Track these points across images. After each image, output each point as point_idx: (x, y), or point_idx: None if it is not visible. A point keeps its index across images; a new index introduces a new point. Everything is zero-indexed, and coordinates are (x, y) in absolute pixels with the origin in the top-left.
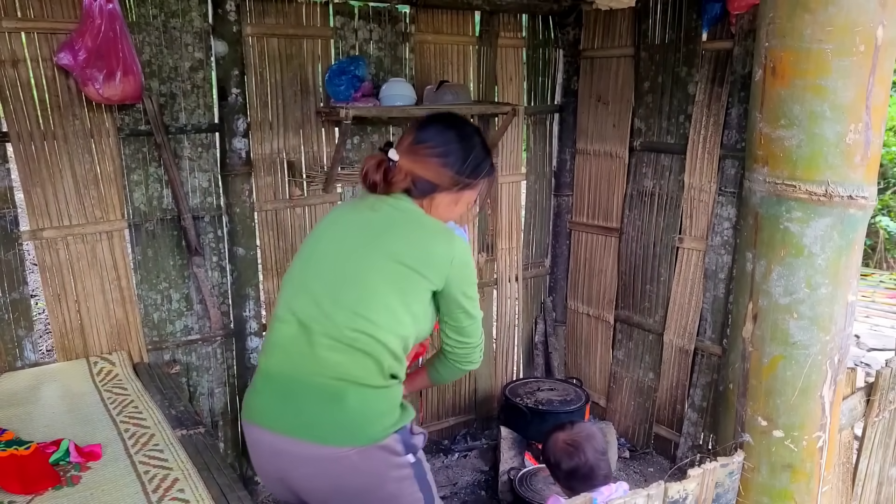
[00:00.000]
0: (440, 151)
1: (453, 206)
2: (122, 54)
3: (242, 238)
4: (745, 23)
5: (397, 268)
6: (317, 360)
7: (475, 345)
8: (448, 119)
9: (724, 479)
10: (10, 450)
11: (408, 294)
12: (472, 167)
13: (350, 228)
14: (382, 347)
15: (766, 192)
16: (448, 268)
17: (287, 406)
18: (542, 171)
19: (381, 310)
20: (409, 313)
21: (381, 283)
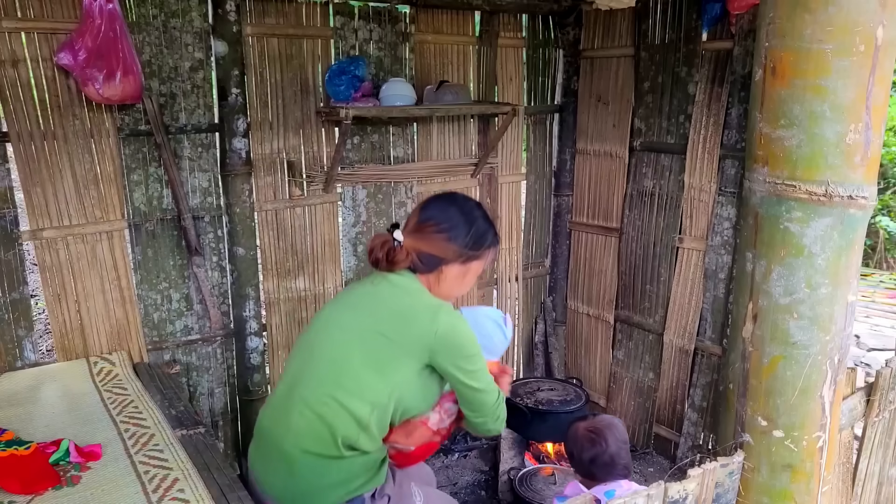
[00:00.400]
0: (444, 227)
1: (462, 278)
2: (122, 54)
3: (242, 238)
4: (745, 23)
5: (376, 337)
6: (288, 425)
7: (486, 415)
8: (449, 197)
9: (724, 479)
10: (10, 450)
11: (385, 363)
12: (474, 239)
13: (349, 300)
14: (348, 415)
15: (766, 192)
16: (431, 340)
17: (267, 467)
18: (542, 171)
19: (352, 377)
20: (386, 381)
21: (358, 351)
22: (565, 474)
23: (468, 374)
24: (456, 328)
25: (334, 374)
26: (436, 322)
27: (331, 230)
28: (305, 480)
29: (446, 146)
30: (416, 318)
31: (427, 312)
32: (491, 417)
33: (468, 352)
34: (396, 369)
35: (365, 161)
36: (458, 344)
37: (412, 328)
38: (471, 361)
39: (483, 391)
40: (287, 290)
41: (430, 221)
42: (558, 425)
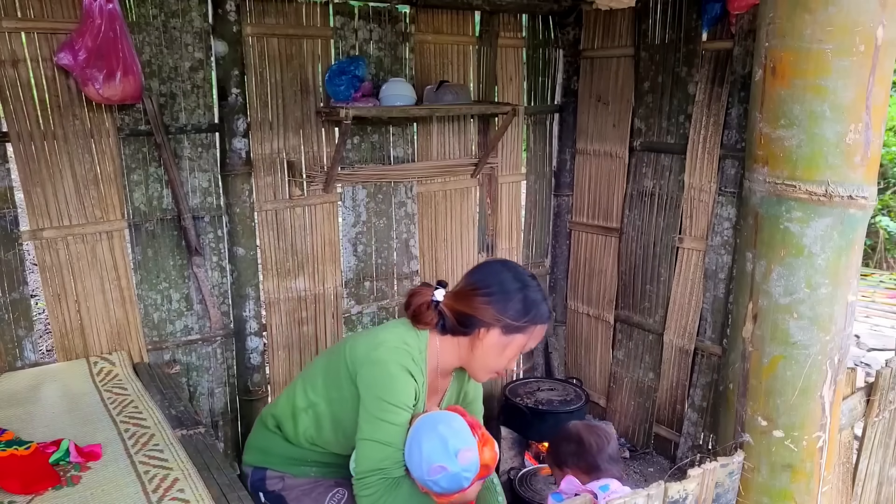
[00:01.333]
0: (489, 291)
1: (501, 350)
2: (122, 54)
3: (242, 238)
4: (745, 23)
5: (340, 356)
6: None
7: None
8: (503, 262)
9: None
10: (10, 450)
11: (330, 368)
12: (522, 308)
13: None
14: (289, 401)
15: (766, 192)
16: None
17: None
18: (542, 171)
19: (309, 368)
20: (325, 384)
21: (324, 354)
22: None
23: (365, 412)
24: (382, 366)
25: (308, 367)
26: (373, 351)
27: (331, 230)
28: (253, 437)
29: (446, 146)
30: (365, 344)
31: (374, 342)
32: (364, 483)
33: (379, 392)
34: (337, 385)
35: (365, 161)
36: (376, 380)
37: (357, 350)
38: (376, 403)
39: (371, 441)
40: (287, 290)
41: (475, 284)
42: (558, 425)
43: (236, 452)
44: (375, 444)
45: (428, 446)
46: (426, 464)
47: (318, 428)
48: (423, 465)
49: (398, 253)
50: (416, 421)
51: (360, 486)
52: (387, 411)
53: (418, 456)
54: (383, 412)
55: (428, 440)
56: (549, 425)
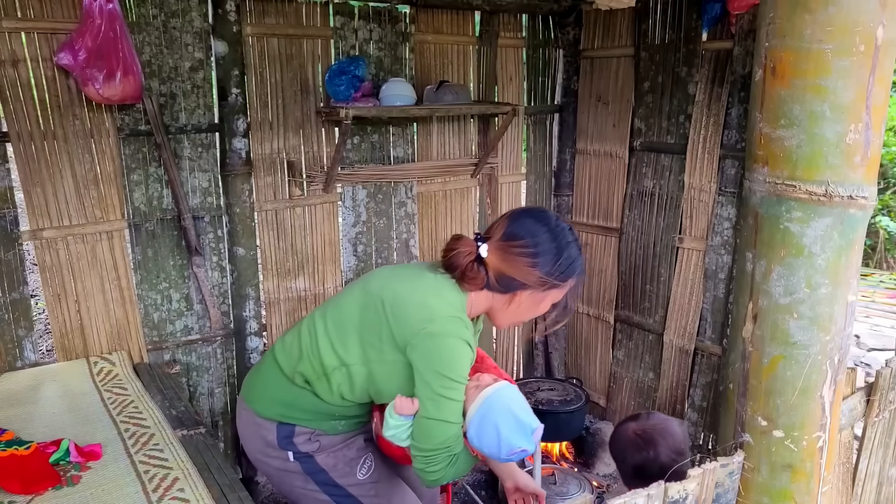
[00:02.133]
0: (532, 251)
1: (537, 305)
2: (122, 54)
3: (242, 238)
4: (745, 23)
5: (378, 312)
6: (284, 335)
7: (426, 452)
8: (541, 215)
9: (724, 479)
10: (10, 450)
11: (370, 337)
12: (563, 268)
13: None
14: (317, 355)
15: (766, 192)
16: (413, 337)
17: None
18: (542, 171)
19: (341, 330)
20: (363, 352)
21: (358, 313)
22: (565, 474)
23: (426, 389)
24: (442, 341)
25: (331, 316)
26: (428, 324)
27: (331, 230)
28: (262, 380)
29: (446, 146)
30: (415, 312)
31: (427, 313)
32: (430, 460)
33: (440, 368)
34: (377, 348)
35: (365, 161)
36: (435, 356)
37: (406, 317)
38: (437, 379)
39: (436, 421)
40: (287, 290)
41: (517, 240)
42: (558, 425)
43: (236, 452)
44: (441, 423)
45: (506, 430)
46: (506, 447)
47: (350, 385)
48: (501, 447)
49: (398, 253)
50: (483, 399)
51: (426, 462)
52: (448, 388)
53: (496, 438)
54: (445, 389)
55: (505, 424)
56: (548, 425)
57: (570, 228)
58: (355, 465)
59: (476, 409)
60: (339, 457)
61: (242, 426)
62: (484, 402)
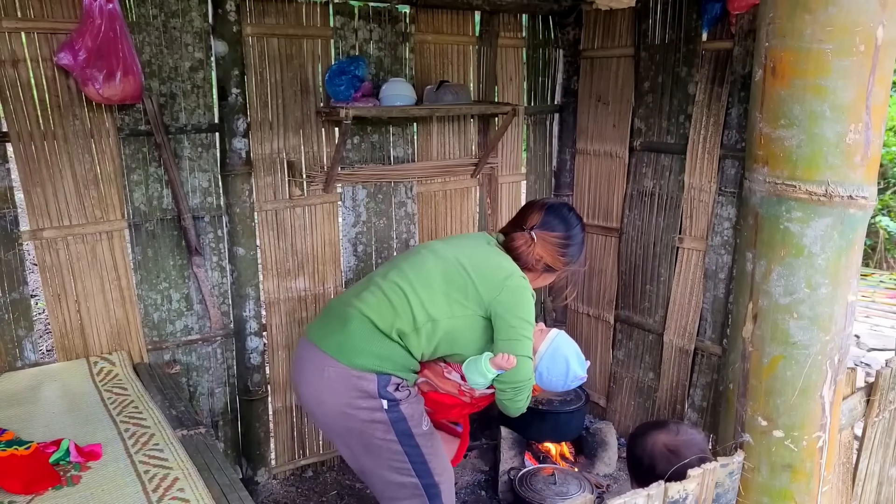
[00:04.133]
0: (566, 244)
1: (550, 278)
2: (122, 54)
3: (242, 238)
4: (745, 23)
5: (460, 270)
6: (359, 295)
7: (510, 385)
8: (570, 211)
9: (724, 479)
10: (10, 450)
11: (455, 293)
12: (577, 258)
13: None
14: (409, 312)
15: (766, 192)
16: (498, 291)
17: (325, 326)
18: (542, 171)
19: (427, 288)
20: (450, 308)
21: (441, 273)
22: (565, 474)
23: (513, 331)
24: (521, 292)
25: (414, 278)
26: (509, 279)
27: (331, 230)
28: (355, 336)
29: (446, 146)
30: (496, 272)
31: (505, 272)
32: (518, 391)
33: (522, 314)
34: (462, 304)
35: (365, 161)
36: (518, 304)
37: (489, 277)
38: (521, 323)
39: (523, 357)
40: (287, 290)
41: (554, 231)
42: (558, 425)
43: (236, 452)
44: (526, 359)
45: (574, 363)
46: (572, 375)
47: (430, 340)
48: (568, 376)
49: (398, 253)
50: (553, 339)
51: (517, 393)
52: (527, 329)
53: (565, 368)
54: (526, 330)
55: (573, 357)
56: (549, 425)
57: (581, 219)
58: (423, 417)
59: (547, 346)
60: (415, 407)
61: (332, 382)
62: (554, 340)
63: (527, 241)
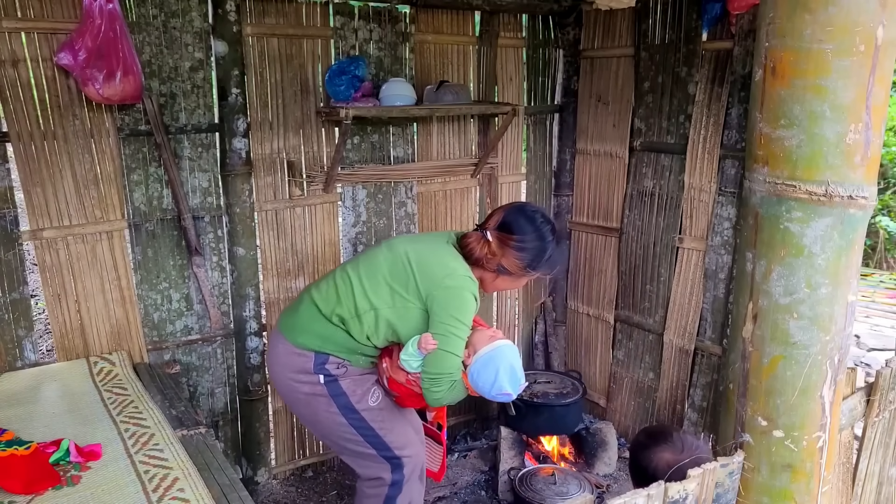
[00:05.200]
0: (521, 246)
1: (515, 282)
2: (122, 54)
3: (242, 238)
4: (745, 23)
5: (405, 266)
6: (316, 284)
7: (435, 377)
8: (531, 214)
9: (724, 479)
10: (10, 450)
11: (398, 287)
12: (542, 262)
13: (411, 236)
14: (351, 300)
15: (766, 192)
16: (435, 289)
17: (287, 306)
18: (542, 171)
19: (373, 279)
20: (392, 299)
21: (388, 267)
22: (565, 474)
23: (442, 327)
24: (458, 291)
25: (363, 269)
26: (448, 278)
27: (331, 230)
28: (301, 318)
29: (446, 146)
30: (437, 269)
31: (446, 270)
32: (435, 382)
33: (454, 312)
34: (403, 296)
35: (365, 161)
36: (451, 303)
37: (429, 272)
38: (451, 321)
39: (445, 352)
40: (287, 290)
41: (510, 235)
42: (553, 418)
43: (237, 452)
44: (449, 354)
45: (503, 375)
46: (498, 387)
47: (375, 328)
48: (494, 387)
49: None
50: (495, 347)
51: (433, 384)
52: (458, 328)
53: (493, 378)
54: (456, 329)
55: (504, 370)
56: (543, 418)
57: (552, 227)
58: (368, 393)
59: (485, 352)
60: (357, 384)
61: (278, 356)
62: (495, 349)
63: (478, 239)
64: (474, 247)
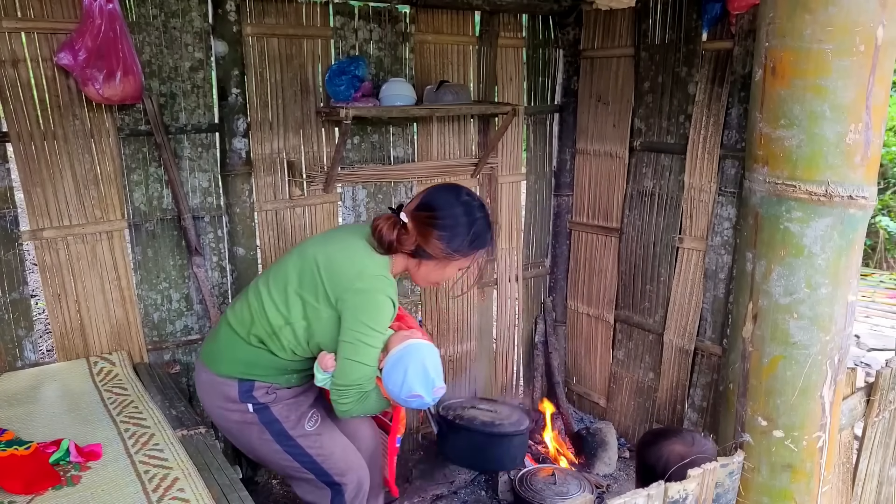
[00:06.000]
0: (441, 224)
1: (442, 270)
2: (122, 54)
3: (242, 238)
4: (745, 23)
5: (314, 274)
6: (232, 305)
7: (344, 387)
8: (455, 191)
9: (724, 479)
10: (10, 450)
11: (309, 297)
12: (468, 243)
13: (325, 234)
14: (265, 317)
15: (766, 192)
16: (345, 293)
17: (208, 337)
18: (542, 171)
19: (282, 292)
20: (304, 310)
21: (296, 277)
22: (565, 474)
23: (350, 334)
24: (369, 295)
25: (273, 282)
26: (357, 280)
27: None
28: (221, 344)
29: (446, 146)
30: (347, 270)
31: (355, 270)
32: (343, 394)
33: (363, 318)
34: (314, 305)
35: (365, 161)
36: (361, 308)
37: (338, 276)
38: (360, 327)
39: (353, 361)
40: None
41: (430, 212)
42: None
43: (237, 452)
44: (357, 364)
45: (413, 376)
46: (407, 389)
47: (297, 341)
48: (403, 388)
49: None
50: (405, 345)
51: (340, 395)
52: (368, 335)
53: (402, 378)
54: (366, 336)
55: (414, 370)
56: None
57: (481, 205)
58: (304, 417)
59: (395, 351)
60: (291, 409)
61: (203, 386)
62: (405, 347)
63: (386, 220)
64: (383, 230)
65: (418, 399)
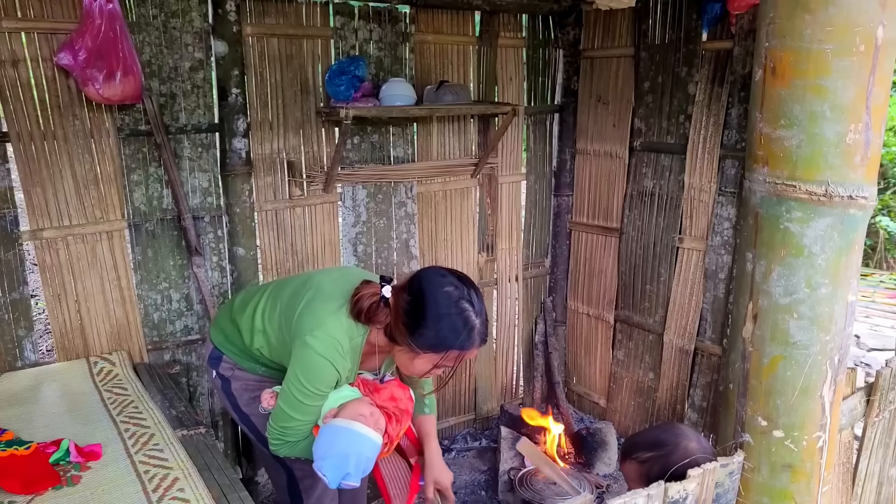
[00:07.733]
0: (409, 311)
1: (410, 362)
2: (122, 54)
3: (242, 238)
4: (745, 23)
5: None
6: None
7: (270, 425)
8: (440, 279)
9: (724, 479)
10: (10, 450)
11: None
12: (431, 341)
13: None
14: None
15: (766, 192)
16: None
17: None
18: (542, 171)
19: (273, 305)
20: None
21: (287, 294)
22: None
23: (287, 383)
24: (308, 353)
25: (275, 294)
26: (311, 334)
27: (331, 230)
28: (221, 313)
29: (446, 146)
30: (309, 320)
31: (315, 323)
32: (271, 433)
33: (300, 373)
34: (285, 335)
35: (365, 161)
36: (299, 362)
37: (302, 321)
38: (295, 379)
39: (282, 410)
40: None
41: (406, 294)
42: None
43: (237, 453)
44: (286, 413)
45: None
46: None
47: (268, 347)
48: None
49: (398, 253)
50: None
51: (269, 434)
52: (300, 391)
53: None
54: (298, 391)
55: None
56: None
57: (469, 300)
58: (258, 400)
59: (337, 424)
60: (247, 390)
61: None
62: (347, 428)
63: (371, 292)
64: (363, 298)
65: (323, 477)
